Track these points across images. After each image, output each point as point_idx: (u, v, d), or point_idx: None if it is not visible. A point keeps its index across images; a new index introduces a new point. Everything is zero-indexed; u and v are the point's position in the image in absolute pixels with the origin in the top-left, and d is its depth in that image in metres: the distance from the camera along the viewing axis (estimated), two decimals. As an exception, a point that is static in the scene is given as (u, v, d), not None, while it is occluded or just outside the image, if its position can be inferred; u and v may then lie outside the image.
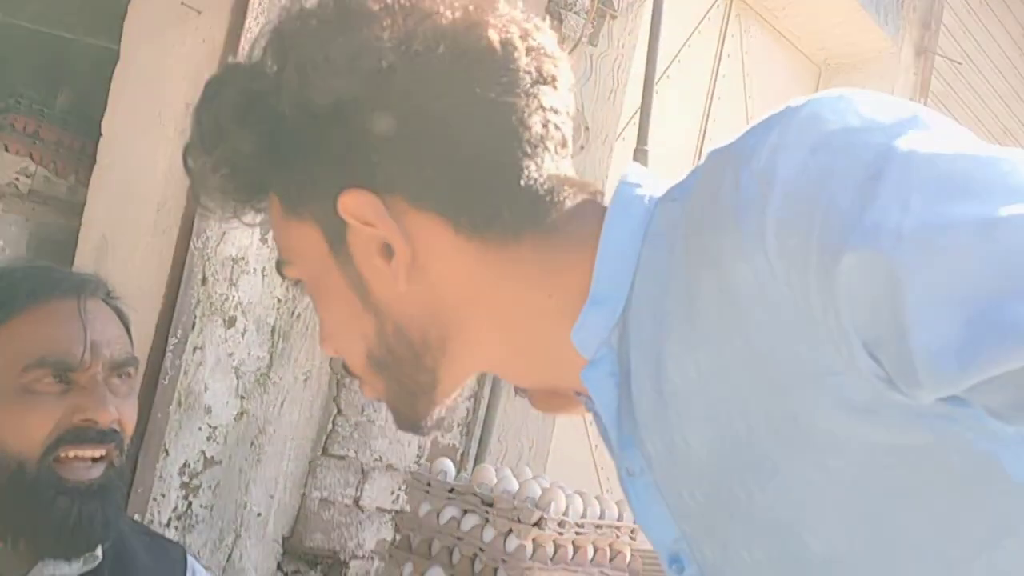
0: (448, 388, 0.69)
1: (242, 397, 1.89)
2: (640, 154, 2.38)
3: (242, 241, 1.86)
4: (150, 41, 1.98)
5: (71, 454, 0.98)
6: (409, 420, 0.71)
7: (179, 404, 1.78)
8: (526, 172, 0.62)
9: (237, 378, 1.88)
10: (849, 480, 0.54)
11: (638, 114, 2.51)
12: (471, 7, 0.63)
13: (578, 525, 1.59)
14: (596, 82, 2.56)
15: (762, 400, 0.55)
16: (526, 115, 0.62)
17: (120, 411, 1.02)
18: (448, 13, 0.62)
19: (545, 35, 0.66)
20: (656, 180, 0.65)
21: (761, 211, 0.51)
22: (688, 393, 0.58)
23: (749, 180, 0.52)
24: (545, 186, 0.63)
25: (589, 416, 0.69)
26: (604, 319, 0.61)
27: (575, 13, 2.40)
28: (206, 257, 1.79)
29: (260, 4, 1.82)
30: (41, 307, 1.01)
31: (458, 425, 2.28)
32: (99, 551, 1.07)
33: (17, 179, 2.07)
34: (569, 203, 0.64)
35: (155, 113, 1.88)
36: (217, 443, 1.85)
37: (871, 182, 0.48)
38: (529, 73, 0.63)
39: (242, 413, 1.89)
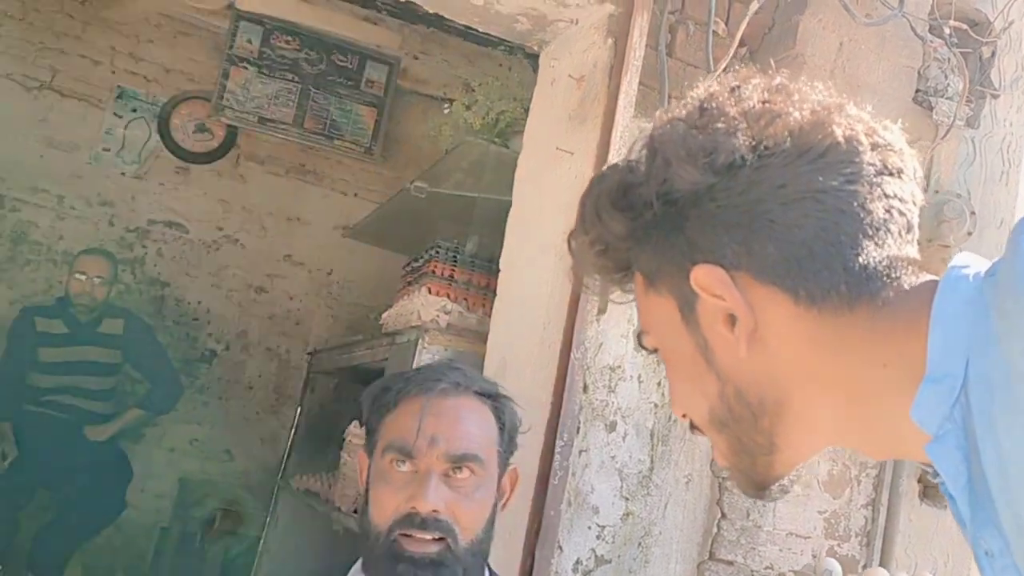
0: (788, 456, 0.74)
1: (626, 499, 1.99)
2: (1040, 232, 2.16)
3: (618, 351, 2.01)
4: (534, 184, 2.27)
5: (406, 533, 1.16)
6: (749, 480, 0.77)
7: (569, 504, 1.93)
8: (865, 251, 0.68)
9: (621, 480, 1.99)
10: None
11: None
12: (819, 108, 0.71)
13: (983, 631, 1.43)
14: (982, 165, 2.40)
15: None
16: (868, 201, 0.69)
17: (449, 502, 1.16)
18: (797, 114, 0.71)
19: (892, 133, 0.73)
20: (981, 260, 0.67)
21: None
22: (1021, 463, 0.58)
23: None
24: (883, 264, 0.68)
25: None
26: (943, 396, 0.63)
27: (947, 98, 2.31)
28: (586, 367, 1.97)
29: (621, 140, 2.02)
30: (409, 401, 1.22)
31: (856, 535, 2.15)
32: None
33: (438, 316, 2.44)
34: (907, 281, 0.68)
35: (538, 245, 2.14)
36: (606, 542, 1.96)
37: None
38: (873, 165, 0.70)
39: (628, 514, 1.99)
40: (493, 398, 1.25)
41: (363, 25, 4.77)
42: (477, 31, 2.54)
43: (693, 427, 0.80)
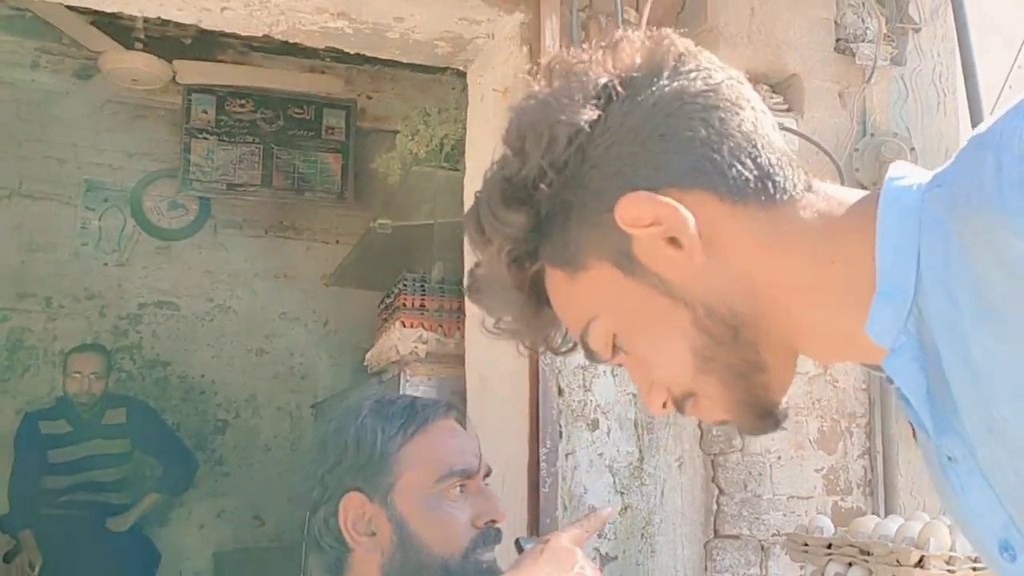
0: (778, 374, 0.72)
1: (621, 492, 2.00)
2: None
3: (586, 349, 2.03)
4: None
5: (488, 549, 1.15)
6: (752, 411, 0.73)
7: (564, 507, 1.94)
8: (760, 145, 0.69)
9: (612, 475, 2.00)
10: None
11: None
12: (651, 33, 0.73)
13: (972, 560, 1.43)
14: (917, 100, 2.41)
15: None
16: (734, 103, 0.70)
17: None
18: (637, 42, 0.72)
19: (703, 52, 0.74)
20: (920, 171, 0.67)
21: None
22: (996, 368, 0.59)
23: (1011, 163, 0.55)
24: (784, 158, 0.69)
25: None
26: (895, 310, 0.63)
27: (868, 41, 2.32)
28: (557, 371, 1.98)
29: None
30: (435, 425, 1.18)
31: (857, 486, 2.15)
32: None
33: (416, 347, 2.46)
34: (809, 178, 0.70)
35: (494, 260, 2.16)
36: (608, 540, 1.97)
37: None
38: (718, 69, 0.72)
39: (625, 508, 2.00)
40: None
41: (310, 76, 4.81)
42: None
43: (679, 405, 0.75)
